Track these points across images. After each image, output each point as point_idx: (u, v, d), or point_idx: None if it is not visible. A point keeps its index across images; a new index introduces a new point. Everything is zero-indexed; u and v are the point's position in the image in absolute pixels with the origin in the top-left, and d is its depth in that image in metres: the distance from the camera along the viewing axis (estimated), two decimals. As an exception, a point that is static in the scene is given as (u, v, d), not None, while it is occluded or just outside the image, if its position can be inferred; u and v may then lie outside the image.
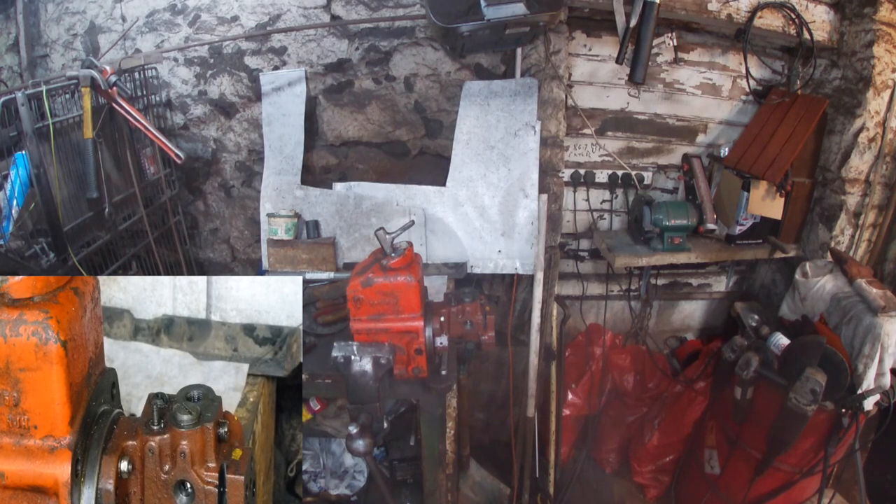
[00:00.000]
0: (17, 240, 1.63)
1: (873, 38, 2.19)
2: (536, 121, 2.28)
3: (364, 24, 2.35)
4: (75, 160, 1.89)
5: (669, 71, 2.43)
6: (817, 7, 2.28)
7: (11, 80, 2.43)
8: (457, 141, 2.33)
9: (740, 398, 2.10)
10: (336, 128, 2.50)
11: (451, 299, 1.55)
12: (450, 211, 2.36)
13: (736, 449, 2.20)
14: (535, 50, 2.26)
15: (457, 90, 2.35)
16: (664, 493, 2.62)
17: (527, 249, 2.35)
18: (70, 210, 1.87)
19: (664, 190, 2.62)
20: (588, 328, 2.78)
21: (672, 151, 2.57)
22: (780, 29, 2.27)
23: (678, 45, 2.39)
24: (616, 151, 2.53)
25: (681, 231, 2.34)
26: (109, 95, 1.94)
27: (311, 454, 2.40)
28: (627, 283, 2.77)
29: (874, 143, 2.29)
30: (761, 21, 2.23)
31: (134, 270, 2.19)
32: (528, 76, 2.30)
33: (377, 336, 1.44)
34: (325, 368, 1.70)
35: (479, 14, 1.91)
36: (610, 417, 2.72)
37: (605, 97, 2.44)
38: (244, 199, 2.63)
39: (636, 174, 2.53)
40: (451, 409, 1.80)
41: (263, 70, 2.42)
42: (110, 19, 2.44)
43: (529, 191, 2.31)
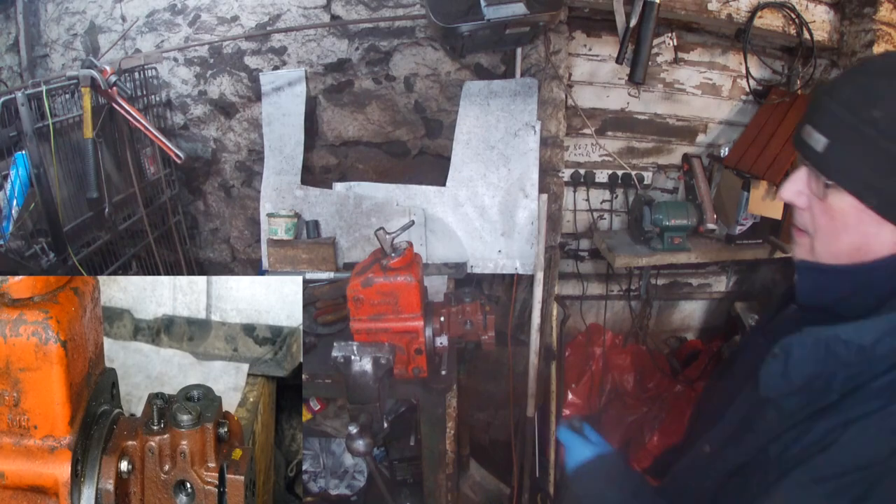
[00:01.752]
0: (17, 240, 1.63)
1: (873, 38, 2.19)
2: (536, 121, 2.28)
3: (364, 24, 2.35)
4: (75, 160, 1.88)
5: (669, 71, 2.43)
6: (817, 7, 2.28)
7: (11, 80, 2.43)
8: (457, 141, 2.33)
9: (740, 398, 2.10)
10: (336, 128, 2.50)
11: (451, 299, 1.55)
12: (450, 211, 2.36)
13: (736, 449, 2.20)
14: (535, 50, 2.26)
15: (457, 90, 2.35)
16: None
17: (527, 249, 2.35)
18: (70, 210, 1.87)
19: (664, 190, 2.62)
20: (588, 328, 2.78)
21: (672, 151, 2.57)
22: (780, 29, 2.27)
23: (678, 45, 2.39)
24: (616, 151, 2.53)
25: (681, 231, 2.34)
26: (109, 95, 1.94)
27: (311, 454, 2.40)
28: (627, 283, 2.77)
29: (874, 143, 2.29)
30: (761, 21, 2.23)
31: (134, 270, 2.19)
32: (528, 76, 2.30)
33: (377, 336, 1.44)
34: (325, 368, 1.70)
35: (479, 14, 1.91)
36: (610, 417, 2.72)
37: (605, 97, 2.44)
38: (244, 199, 2.63)
39: (636, 174, 2.53)
40: (451, 409, 1.80)
41: (263, 70, 2.42)
42: (110, 19, 2.43)
43: (529, 191, 2.31)
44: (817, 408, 0.77)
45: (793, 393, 0.79)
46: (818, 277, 0.83)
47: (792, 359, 0.78)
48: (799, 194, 0.82)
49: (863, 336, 0.73)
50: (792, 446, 0.77)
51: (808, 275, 0.86)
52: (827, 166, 0.76)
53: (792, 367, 0.78)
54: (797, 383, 0.78)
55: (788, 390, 0.80)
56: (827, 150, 0.76)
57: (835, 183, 0.75)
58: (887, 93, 0.72)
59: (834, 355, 0.75)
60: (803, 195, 0.81)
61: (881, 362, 0.73)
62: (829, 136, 0.75)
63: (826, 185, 0.76)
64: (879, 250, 0.76)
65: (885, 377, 0.72)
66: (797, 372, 0.78)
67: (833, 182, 0.76)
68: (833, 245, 0.80)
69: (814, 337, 0.77)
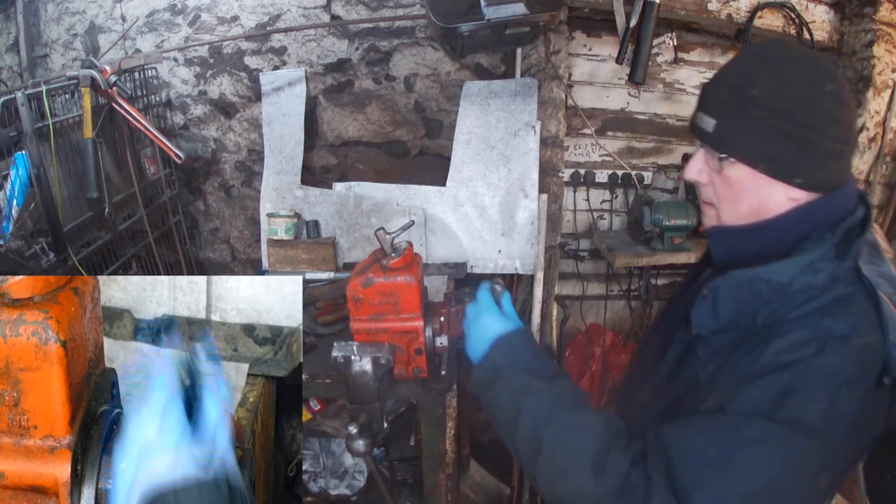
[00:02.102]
0: (17, 240, 1.63)
1: (873, 38, 2.19)
2: (536, 121, 2.28)
3: (364, 24, 2.35)
4: (75, 160, 1.88)
5: (669, 71, 2.43)
6: (817, 7, 2.29)
7: (11, 80, 2.43)
8: (457, 141, 2.33)
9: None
10: (336, 128, 2.50)
11: (451, 299, 1.54)
12: (450, 211, 2.36)
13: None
14: (535, 50, 2.26)
15: (457, 90, 2.35)
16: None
17: (527, 249, 2.35)
18: (70, 210, 1.87)
19: (664, 190, 2.62)
20: (588, 328, 2.78)
21: (672, 151, 2.57)
22: (781, 29, 2.27)
23: (678, 45, 2.39)
24: (616, 151, 2.53)
25: (681, 231, 2.34)
26: (109, 95, 1.94)
27: (311, 454, 2.40)
28: (627, 283, 2.77)
29: (874, 143, 2.29)
30: (761, 21, 2.23)
31: (134, 270, 2.19)
32: (528, 76, 2.30)
33: (377, 336, 1.43)
34: (325, 368, 1.70)
35: (479, 14, 1.91)
36: (610, 417, 2.71)
37: (605, 97, 2.44)
38: (244, 199, 2.63)
39: (636, 174, 2.53)
40: (451, 409, 1.80)
41: (263, 70, 2.42)
42: (110, 19, 2.44)
43: (529, 191, 2.31)
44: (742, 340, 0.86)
45: (721, 330, 0.90)
46: (727, 238, 0.95)
47: (719, 299, 0.89)
48: (700, 172, 0.94)
49: (780, 275, 0.85)
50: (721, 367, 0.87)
51: (719, 238, 0.97)
52: (719, 143, 0.89)
53: (720, 306, 0.89)
54: (725, 320, 0.89)
55: (717, 327, 0.90)
56: (716, 130, 0.88)
57: (727, 156, 0.88)
58: (762, 74, 0.85)
59: (756, 293, 0.86)
60: (704, 172, 0.93)
61: (797, 296, 0.84)
62: (716, 118, 0.88)
63: (720, 159, 0.89)
64: (776, 208, 0.88)
65: (801, 308, 0.83)
66: (724, 310, 0.89)
67: (725, 155, 0.88)
68: (735, 210, 0.91)
69: (737, 278, 0.88)
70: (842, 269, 0.85)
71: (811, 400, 0.77)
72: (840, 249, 0.85)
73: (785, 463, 0.77)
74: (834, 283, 0.84)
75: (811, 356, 0.78)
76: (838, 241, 0.86)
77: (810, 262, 0.84)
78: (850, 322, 0.81)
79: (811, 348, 0.79)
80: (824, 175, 0.86)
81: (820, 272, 0.84)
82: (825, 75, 0.85)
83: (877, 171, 2.29)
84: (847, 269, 0.85)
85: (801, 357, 0.79)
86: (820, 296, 0.83)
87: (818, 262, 0.84)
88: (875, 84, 2.20)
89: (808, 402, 0.77)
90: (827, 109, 0.83)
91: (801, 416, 0.76)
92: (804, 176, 0.85)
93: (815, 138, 0.83)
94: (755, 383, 0.80)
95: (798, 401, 0.77)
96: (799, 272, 0.84)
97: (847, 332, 0.79)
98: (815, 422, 0.76)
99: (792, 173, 0.85)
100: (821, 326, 0.80)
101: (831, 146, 0.84)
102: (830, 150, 0.84)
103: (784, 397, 0.77)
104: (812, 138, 0.83)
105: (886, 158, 2.31)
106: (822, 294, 0.83)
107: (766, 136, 0.84)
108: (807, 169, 0.85)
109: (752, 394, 0.79)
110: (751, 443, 0.77)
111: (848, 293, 0.84)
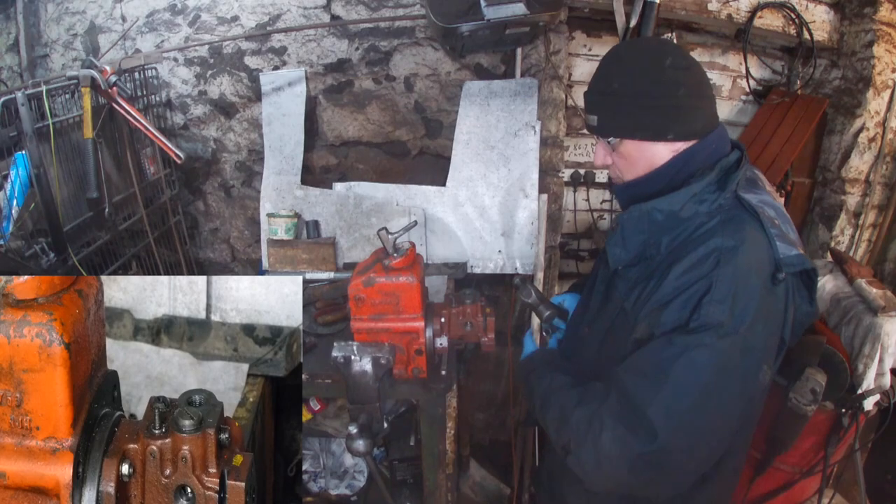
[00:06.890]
0: (17, 240, 1.63)
1: (873, 38, 2.19)
2: (536, 121, 2.28)
3: (364, 24, 2.35)
4: (75, 160, 1.88)
5: (669, 71, 2.43)
6: (817, 7, 2.29)
7: (11, 80, 2.43)
8: (457, 141, 2.33)
9: (740, 398, 2.10)
10: (336, 128, 2.50)
11: (451, 300, 1.55)
12: (450, 211, 2.36)
13: (735, 448, 2.21)
14: (535, 50, 2.26)
15: (457, 90, 2.35)
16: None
17: (527, 249, 2.35)
18: (70, 210, 1.87)
19: (664, 190, 2.62)
20: (588, 328, 2.78)
21: (672, 151, 2.57)
22: (780, 29, 2.27)
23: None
24: (616, 151, 2.53)
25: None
26: (109, 95, 1.94)
27: (311, 454, 2.40)
28: (627, 282, 2.77)
29: (874, 143, 2.29)
30: (761, 21, 2.23)
31: (134, 270, 2.19)
32: (528, 76, 2.30)
33: (377, 336, 1.44)
34: (325, 368, 1.70)
35: (479, 14, 1.91)
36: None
37: (606, 97, 2.44)
38: (244, 199, 2.63)
39: (636, 174, 2.53)
40: (451, 409, 1.80)
41: (263, 70, 2.42)
42: (110, 19, 2.43)
43: (529, 191, 2.31)
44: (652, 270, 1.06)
45: (632, 264, 1.10)
46: (629, 190, 1.15)
47: (626, 230, 1.10)
48: (604, 157, 1.15)
49: (671, 204, 1.05)
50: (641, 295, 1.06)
51: (623, 191, 1.17)
52: (605, 131, 1.12)
53: (627, 238, 1.10)
54: (633, 251, 1.10)
55: (628, 259, 1.11)
56: (599, 123, 1.12)
57: (615, 138, 1.11)
58: (616, 71, 1.10)
59: (654, 222, 1.06)
60: (607, 157, 1.15)
61: (689, 223, 1.04)
62: (597, 114, 1.12)
63: (609, 142, 1.12)
64: (662, 160, 1.09)
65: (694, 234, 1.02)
66: (631, 241, 1.10)
67: (612, 138, 1.11)
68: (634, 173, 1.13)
69: (638, 210, 1.08)
70: (724, 198, 1.04)
71: (715, 304, 0.94)
72: (721, 183, 1.05)
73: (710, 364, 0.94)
74: (719, 210, 1.04)
75: (710, 270, 0.96)
76: (718, 176, 1.05)
77: (695, 194, 1.04)
78: (736, 237, 0.99)
79: (707, 263, 0.97)
80: (690, 125, 1.07)
81: (705, 201, 1.04)
82: (661, 53, 1.07)
83: (876, 171, 2.29)
84: (729, 197, 1.04)
85: (700, 273, 0.97)
86: (709, 221, 1.03)
87: (702, 192, 1.04)
88: (875, 84, 2.20)
89: (713, 306, 0.94)
90: (670, 78, 1.05)
91: (710, 320, 0.94)
92: (674, 130, 1.07)
93: (668, 102, 1.05)
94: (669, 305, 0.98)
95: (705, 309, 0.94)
96: (687, 200, 1.04)
97: (735, 244, 0.97)
98: (723, 321, 0.93)
99: (663, 132, 1.07)
100: (712, 244, 0.98)
101: (684, 103, 1.05)
102: (685, 105, 1.06)
103: (694, 310, 0.95)
104: (666, 103, 1.05)
105: (886, 158, 2.32)
106: (710, 220, 1.03)
107: (633, 114, 1.07)
108: (671, 125, 1.06)
109: (668, 315, 0.98)
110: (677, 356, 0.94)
111: (732, 216, 1.03)
